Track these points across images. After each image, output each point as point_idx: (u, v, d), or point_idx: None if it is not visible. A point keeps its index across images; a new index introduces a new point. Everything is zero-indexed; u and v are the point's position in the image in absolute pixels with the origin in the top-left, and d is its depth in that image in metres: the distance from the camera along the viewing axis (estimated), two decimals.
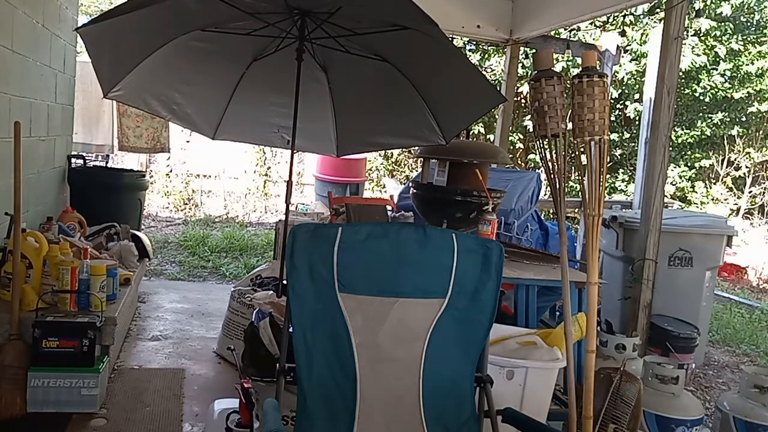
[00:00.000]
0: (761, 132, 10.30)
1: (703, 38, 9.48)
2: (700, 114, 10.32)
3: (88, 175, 5.01)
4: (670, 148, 3.85)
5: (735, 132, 10.13)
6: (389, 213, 4.19)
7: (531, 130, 5.76)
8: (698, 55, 9.34)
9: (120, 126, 6.09)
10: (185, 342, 3.80)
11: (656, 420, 2.74)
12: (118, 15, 2.32)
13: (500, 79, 7.60)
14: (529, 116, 6.41)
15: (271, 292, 3.23)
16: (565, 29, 8.33)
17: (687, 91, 9.85)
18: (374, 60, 3.07)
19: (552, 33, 6.11)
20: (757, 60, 9.58)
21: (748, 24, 10.11)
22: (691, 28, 8.94)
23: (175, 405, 2.91)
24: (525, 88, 8.25)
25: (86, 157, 5.47)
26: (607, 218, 4.14)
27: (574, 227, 7.13)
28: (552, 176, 2.20)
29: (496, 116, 5.84)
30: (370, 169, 10.34)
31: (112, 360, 3.19)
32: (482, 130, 9.96)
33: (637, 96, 9.36)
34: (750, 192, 10.29)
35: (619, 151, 10.36)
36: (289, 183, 3.04)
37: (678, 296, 3.96)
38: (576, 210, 6.83)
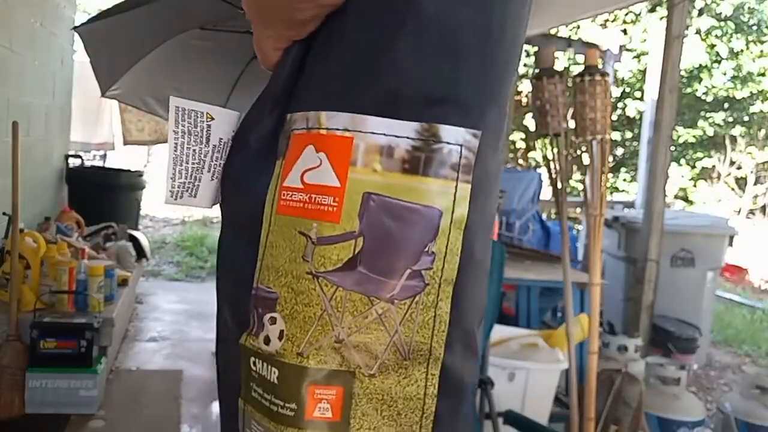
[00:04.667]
0: (763, 131, 10.28)
1: (704, 38, 9.46)
2: (702, 113, 10.30)
3: (85, 175, 5.00)
4: (672, 148, 3.83)
5: (737, 132, 10.11)
6: None
7: (532, 128, 5.74)
8: (700, 54, 9.32)
9: (123, 121, 6.12)
10: (183, 343, 3.78)
11: (658, 421, 2.72)
12: (116, 14, 2.31)
13: None
14: (530, 115, 6.39)
15: None
16: (566, 26, 8.30)
17: (689, 90, 9.83)
18: None
19: (553, 31, 6.08)
20: (759, 59, 9.56)
21: (750, 23, 10.09)
22: (692, 27, 8.92)
23: (174, 407, 2.89)
24: (526, 87, 8.23)
25: (84, 157, 5.46)
26: (609, 218, 4.12)
27: (576, 227, 7.11)
28: (553, 176, 2.18)
29: None
30: None
31: (110, 361, 3.17)
32: None
33: (638, 94, 9.34)
34: (752, 192, 10.27)
35: (620, 151, 10.34)
36: None
37: (680, 297, 3.94)
38: (578, 210, 6.81)
